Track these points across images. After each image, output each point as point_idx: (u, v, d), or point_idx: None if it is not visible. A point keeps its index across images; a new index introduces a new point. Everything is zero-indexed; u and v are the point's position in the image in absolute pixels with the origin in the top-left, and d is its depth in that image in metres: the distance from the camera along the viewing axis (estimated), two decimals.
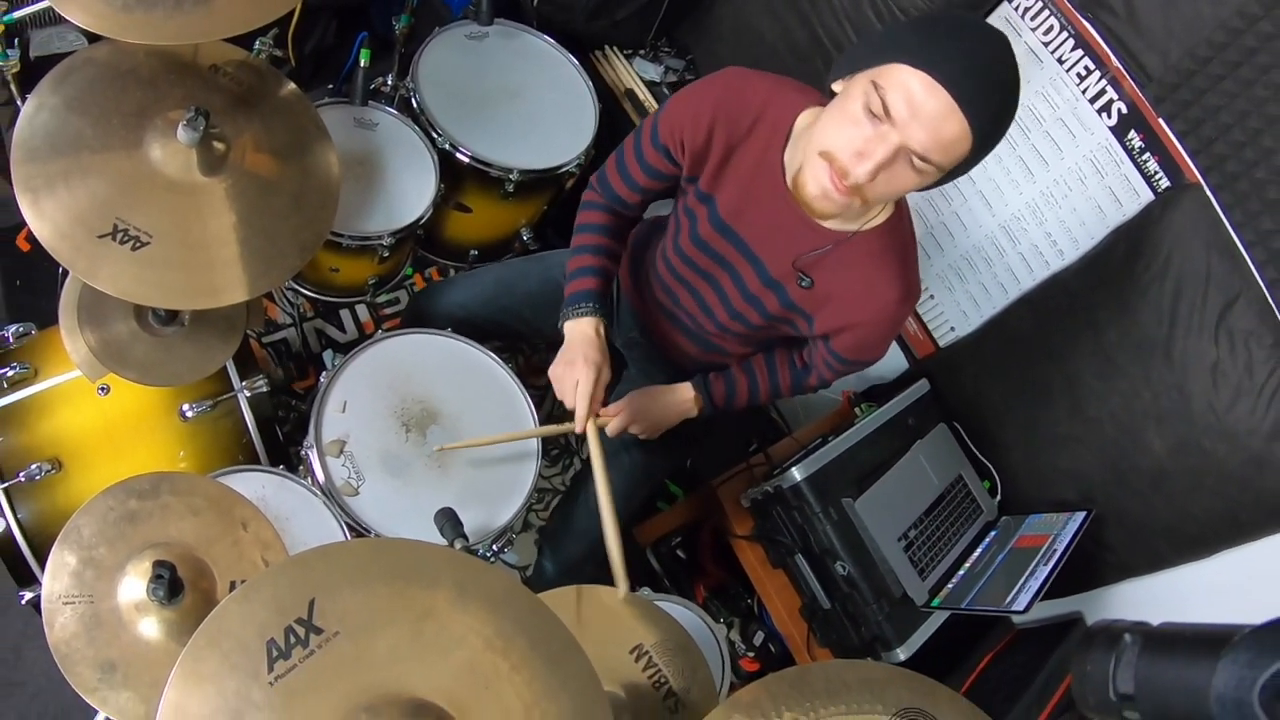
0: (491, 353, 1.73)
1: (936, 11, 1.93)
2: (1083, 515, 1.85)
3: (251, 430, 1.61)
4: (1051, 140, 1.83)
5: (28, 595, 1.48)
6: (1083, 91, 1.76)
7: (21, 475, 1.42)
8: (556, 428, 1.56)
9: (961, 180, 1.28)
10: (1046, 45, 1.80)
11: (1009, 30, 1.84)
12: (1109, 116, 1.73)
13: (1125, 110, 1.70)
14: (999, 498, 2.09)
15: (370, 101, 1.95)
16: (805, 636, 1.90)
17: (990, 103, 1.07)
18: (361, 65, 1.89)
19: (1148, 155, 1.69)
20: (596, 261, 1.51)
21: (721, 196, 1.37)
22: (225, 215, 1.39)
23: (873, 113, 1.09)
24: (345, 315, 2.37)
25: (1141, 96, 1.66)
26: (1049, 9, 1.78)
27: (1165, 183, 1.67)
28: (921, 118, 1.06)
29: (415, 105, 1.95)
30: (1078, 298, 1.83)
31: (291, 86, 1.57)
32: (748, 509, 1.92)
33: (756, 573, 1.95)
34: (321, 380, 1.58)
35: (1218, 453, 1.62)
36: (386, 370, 1.63)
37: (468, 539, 1.37)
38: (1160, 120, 1.65)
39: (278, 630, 0.83)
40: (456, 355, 1.71)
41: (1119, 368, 1.75)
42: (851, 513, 1.79)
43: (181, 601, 1.10)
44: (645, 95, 2.39)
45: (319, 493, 1.49)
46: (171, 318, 1.50)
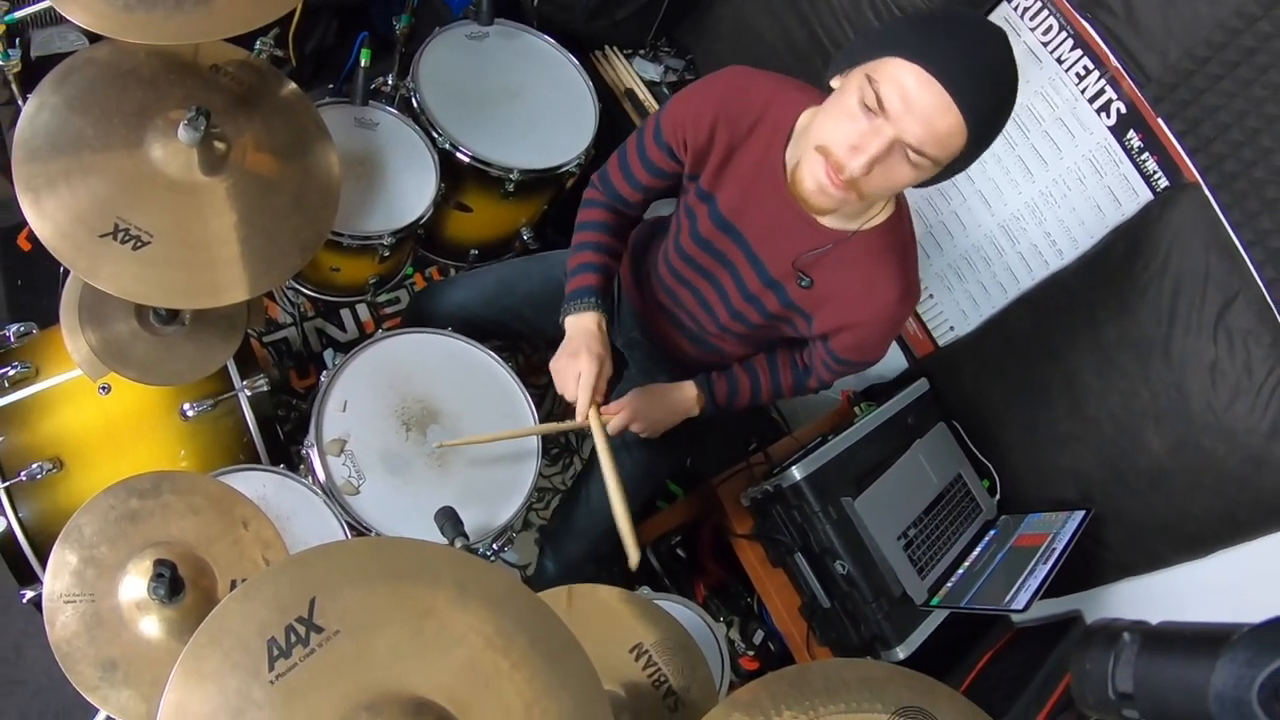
0: (492, 352, 1.73)
1: (935, 9, 1.93)
2: (1082, 514, 1.85)
3: (252, 429, 1.61)
4: (1050, 140, 1.84)
5: (29, 594, 1.48)
6: (1081, 91, 1.76)
7: (23, 474, 1.42)
8: (557, 425, 1.56)
9: (961, 179, 1.28)
10: (1045, 45, 1.80)
11: (1008, 30, 1.84)
12: (1108, 116, 1.73)
13: (1124, 110, 1.70)
14: (998, 497, 2.09)
15: (371, 101, 1.95)
16: (805, 635, 1.90)
17: (986, 96, 1.07)
18: (362, 65, 1.89)
19: (1146, 155, 1.69)
20: (598, 258, 1.50)
21: (722, 195, 1.37)
22: (226, 215, 1.39)
23: (867, 106, 1.08)
24: (346, 314, 2.37)
25: (1140, 96, 1.66)
26: (1048, 9, 1.78)
27: (1164, 182, 1.68)
28: (915, 111, 1.06)
29: (416, 105, 1.95)
30: (1077, 297, 1.83)
31: (292, 86, 1.57)
32: (747, 508, 1.92)
33: (756, 572, 1.95)
34: (322, 379, 1.58)
35: (1216, 452, 1.62)
36: (387, 370, 1.64)
37: (468, 538, 1.37)
38: (1159, 120, 1.65)
39: (278, 629, 0.83)
40: (457, 355, 1.71)
41: (1118, 367, 1.76)
42: (851, 512, 1.79)
43: (182, 600, 1.10)
44: (645, 95, 2.39)
45: (319, 492, 1.49)
46: (172, 317, 1.50)
